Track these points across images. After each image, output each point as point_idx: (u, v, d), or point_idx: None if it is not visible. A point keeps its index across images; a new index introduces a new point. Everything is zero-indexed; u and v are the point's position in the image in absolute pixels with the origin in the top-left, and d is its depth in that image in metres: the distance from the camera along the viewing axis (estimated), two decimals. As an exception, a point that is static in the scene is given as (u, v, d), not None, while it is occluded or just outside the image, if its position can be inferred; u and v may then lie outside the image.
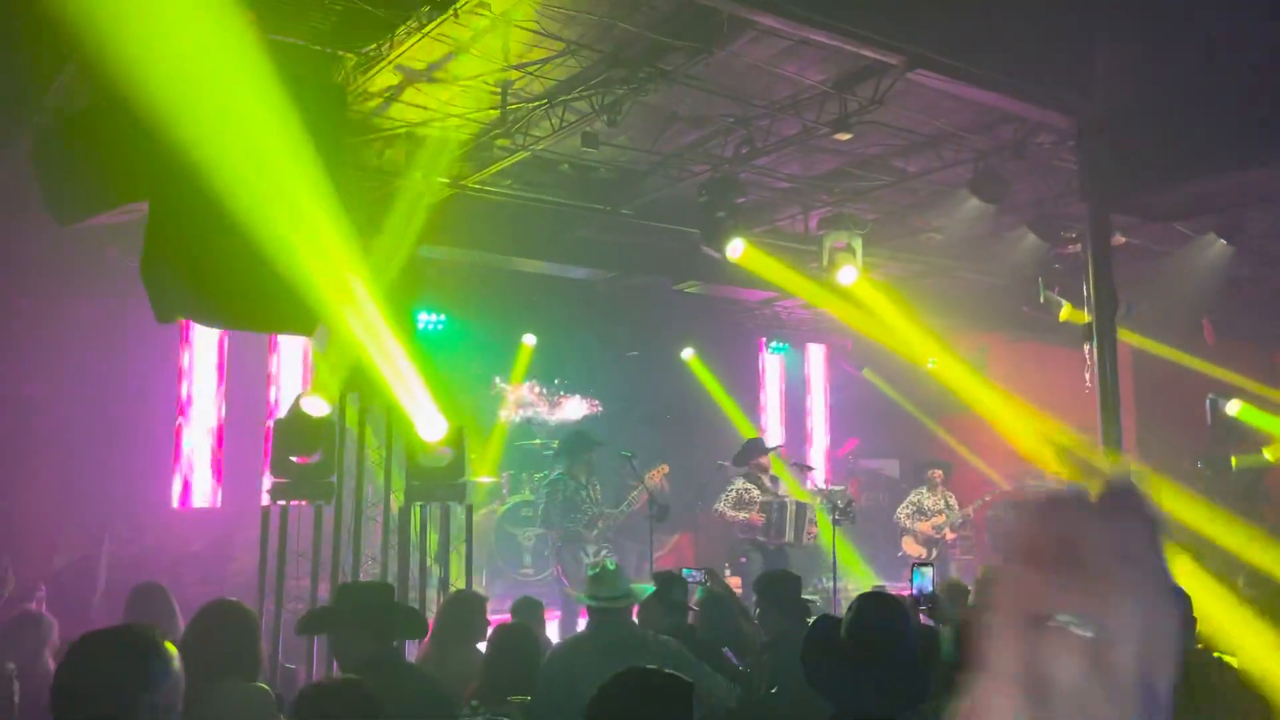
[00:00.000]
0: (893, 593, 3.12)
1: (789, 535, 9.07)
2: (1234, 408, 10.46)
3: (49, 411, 9.25)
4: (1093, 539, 1.36)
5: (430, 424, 6.36)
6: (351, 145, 7.50)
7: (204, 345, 10.13)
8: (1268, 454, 10.73)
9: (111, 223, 5.73)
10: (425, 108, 7.23)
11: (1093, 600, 1.31)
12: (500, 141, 7.71)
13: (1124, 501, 1.42)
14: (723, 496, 9.44)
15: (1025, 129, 7.79)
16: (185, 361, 10.12)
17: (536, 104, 7.08)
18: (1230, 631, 4.33)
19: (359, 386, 6.38)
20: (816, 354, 14.68)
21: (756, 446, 9.80)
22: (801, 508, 9.21)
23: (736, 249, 8.56)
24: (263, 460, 8.56)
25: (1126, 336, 7.10)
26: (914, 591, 4.31)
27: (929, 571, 4.34)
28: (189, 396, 10.13)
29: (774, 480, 9.57)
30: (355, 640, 3.85)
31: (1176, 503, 7.44)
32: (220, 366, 10.29)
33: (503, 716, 4.29)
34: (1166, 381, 11.23)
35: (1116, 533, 1.36)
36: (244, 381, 10.36)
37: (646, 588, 4.97)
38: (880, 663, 2.70)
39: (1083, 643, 1.30)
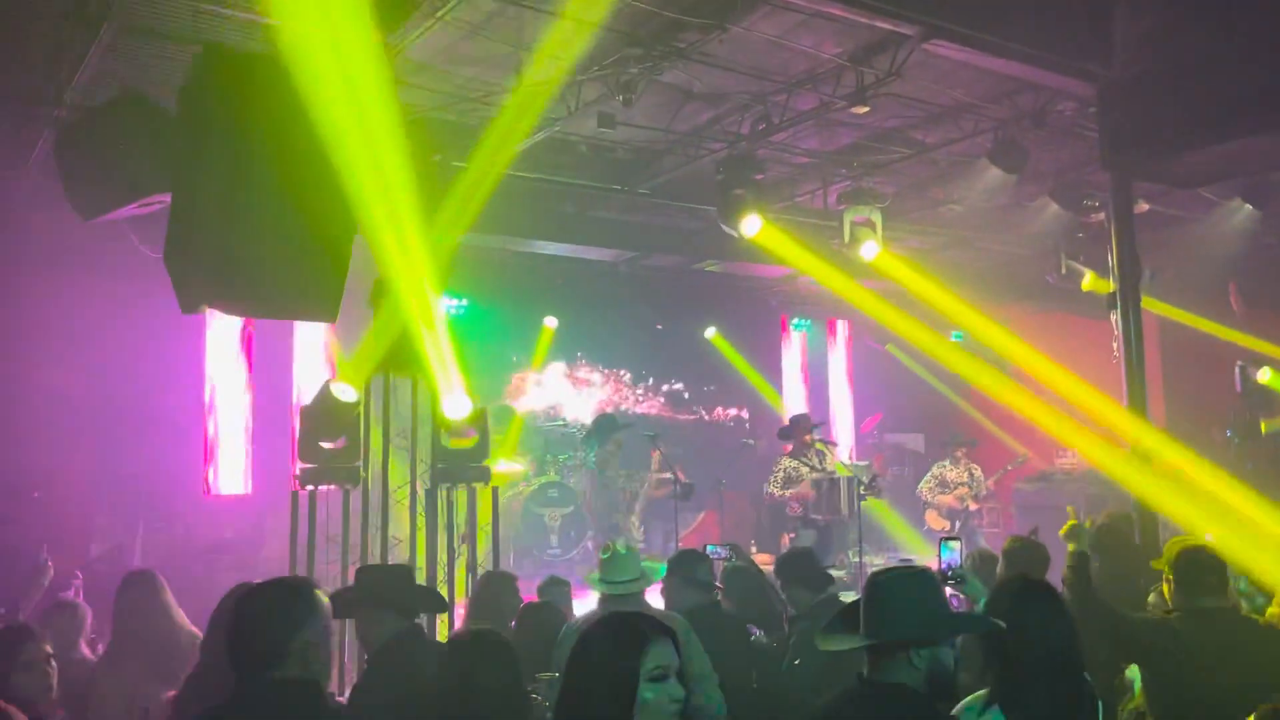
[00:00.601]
0: (921, 566, 3.11)
1: (843, 509, 9.15)
2: (1264, 375, 10.33)
3: (82, 402, 9.40)
4: None
5: (458, 405, 6.45)
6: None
7: (231, 333, 10.25)
8: None
9: (134, 215, 5.79)
10: (439, 92, 7.24)
11: None
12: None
13: None
14: (771, 478, 9.57)
15: (1045, 97, 7.70)
16: (213, 349, 10.25)
17: (551, 84, 7.06)
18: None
19: (398, 369, 6.45)
20: (839, 330, 14.63)
21: (802, 424, 9.87)
22: (850, 482, 9.29)
23: (753, 226, 8.54)
24: (291, 446, 8.66)
25: (1152, 305, 7.03)
26: (943, 566, 4.27)
27: (957, 545, 4.30)
28: (218, 384, 10.25)
29: (819, 456, 9.64)
30: (378, 620, 3.92)
31: (1202, 473, 7.41)
32: (248, 353, 10.41)
33: (530, 694, 4.36)
34: (1194, 350, 11.11)
35: None
36: (272, 368, 10.49)
37: (660, 568, 4.96)
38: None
39: None
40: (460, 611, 6.69)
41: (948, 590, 4.36)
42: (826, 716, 2.91)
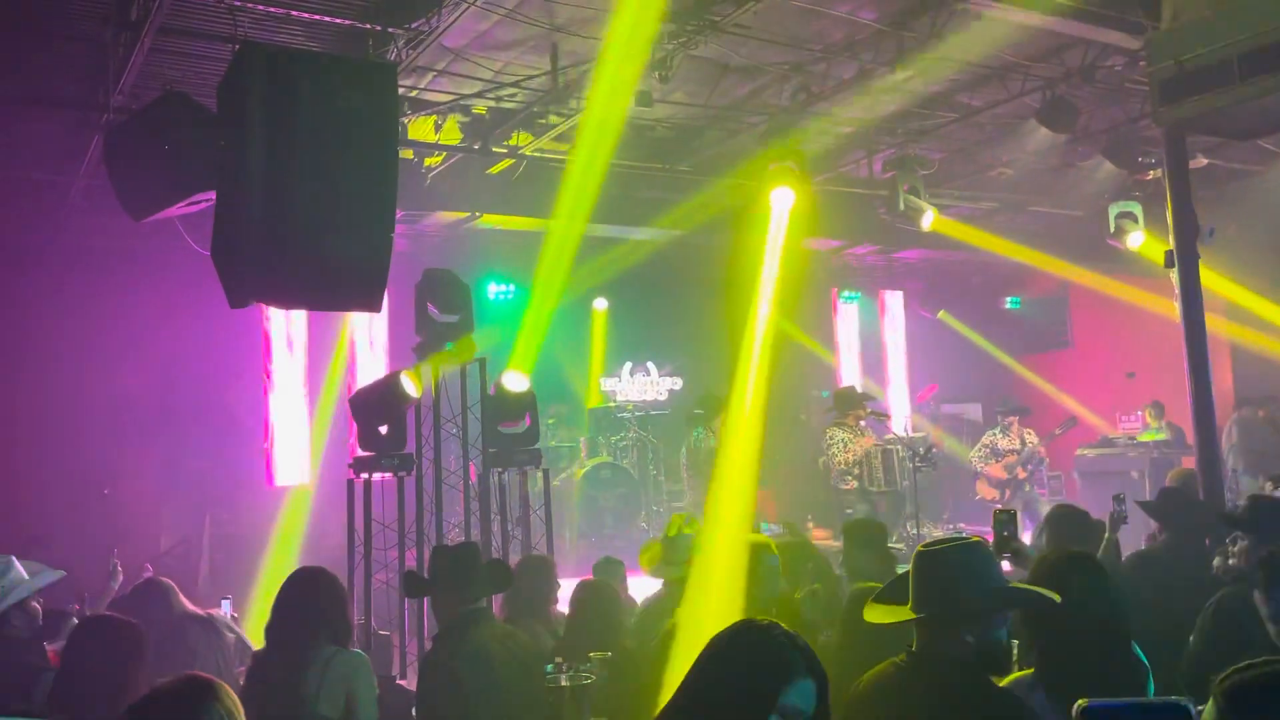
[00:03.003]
0: (972, 538, 3.04)
1: (898, 481, 9.11)
2: None
3: (146, 400, 9.66)
4: None
5: (517, 382, 6.67)
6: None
7: (290, 326, 10.43)
8: None
9: (184, 214, 5.89)
10: (475, 79, 7.26)
11: None
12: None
13: None
14: (826, 452, 9.55)
15: (1094, 53, 7.49)
16: (271, 343, 10.43)
17: (587, 66, 7.04)
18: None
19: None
20: (891, 300, 14.44)
21: (850, 397, 9.82)
22: (905, 451, 9.23)
23: (786, 199, 8.46)
24: (351, 436, 8.81)
25: (1211, 283, 6.69)
26: (996, 538, 4.19)
27: (1008, 519, 4.22)
28: (277, 377, 10.44)
29: (871, 427, 9.60)
30: (449, 598, 4.01)
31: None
32: (309, 346, 10.58)
33: (584, 672, 4.39)
34: (1264, 308, 10.73)
35: None
36: (328, 359, 10.66)
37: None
38: None
39: None
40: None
41: (1004, 565, 4.29)
42: (874, 689, 2.87)
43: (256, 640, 5.32)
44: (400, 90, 7.17)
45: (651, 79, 6.90)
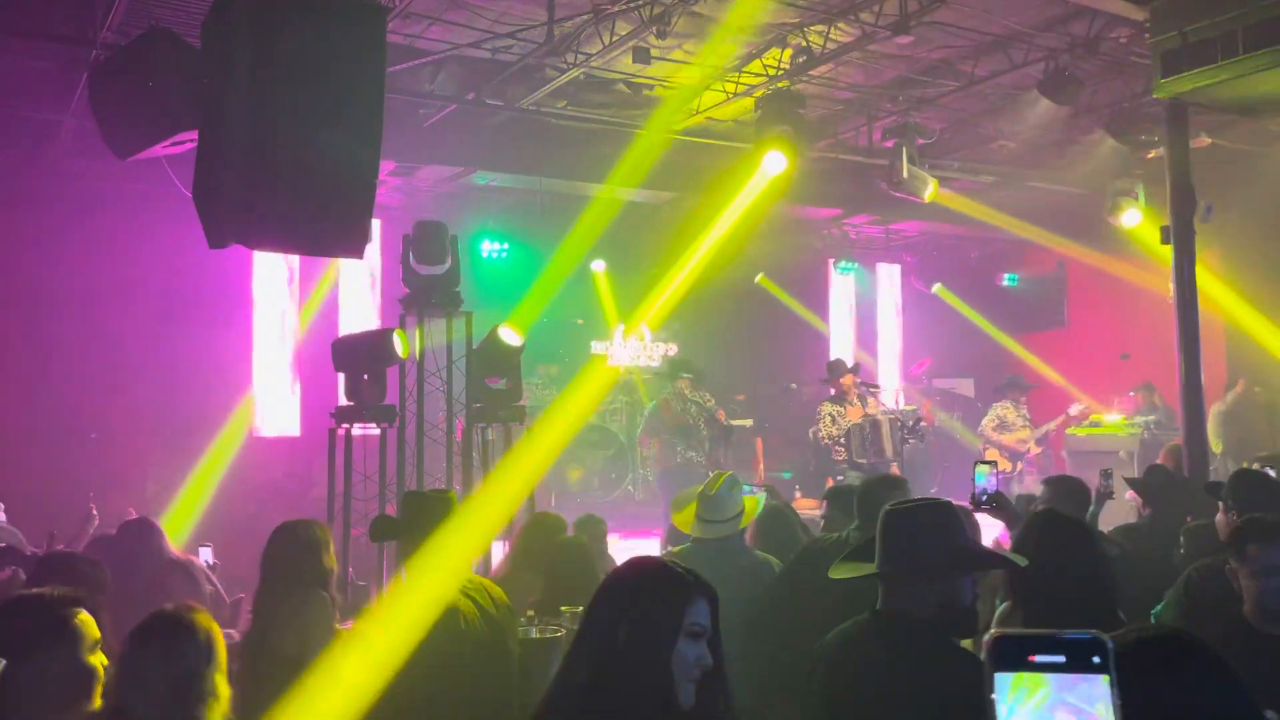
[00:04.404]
0: (940, 500, 3.00)
1: (887, 452, 9.09)
2: None
3: (135, 345, 9.61)
4: None
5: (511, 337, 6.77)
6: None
7: (279, 276, 10.37)
8: None
9: (169, 154, 5.82)
10: (471, 28, 7.15)
11: None
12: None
13: None
14: (819, 423, 9.53)
15: (1099, 24, 7.38)
16: (261, 293, 10.38)
17: (584, 17, 6.94)
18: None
19: None
20: (886, 273, 14.37)
21: (840, 368, 9.78)
22: (893, 423, 9.19)
23: (778, 163, 8.37)
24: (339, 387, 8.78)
25: (1208, 263, 6.62)
26: (976, 490, 4.13)
27: (988, 470, 4.15)
28: (266, 327, 10.40)
29: (861, 399, 9.55)
30: (414, 544, 3.98)
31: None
32: (300, 298, 10.53)
33: (553, 626, 4.39)
34: (1263, 291, 10.65)
35: None
36: (320, 309, 10.61)
37: (759, 498, 4.67)
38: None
39: None
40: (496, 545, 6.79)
41: (984, 514, 4.23)
42: (837, 646, 2.85)
43: (231, 591, 5.35)
44: (394, 38, 7.08)
45: (649, 34, 6.79)
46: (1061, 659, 0.98)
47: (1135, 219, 9.38)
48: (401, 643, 3.38)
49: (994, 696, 0.97)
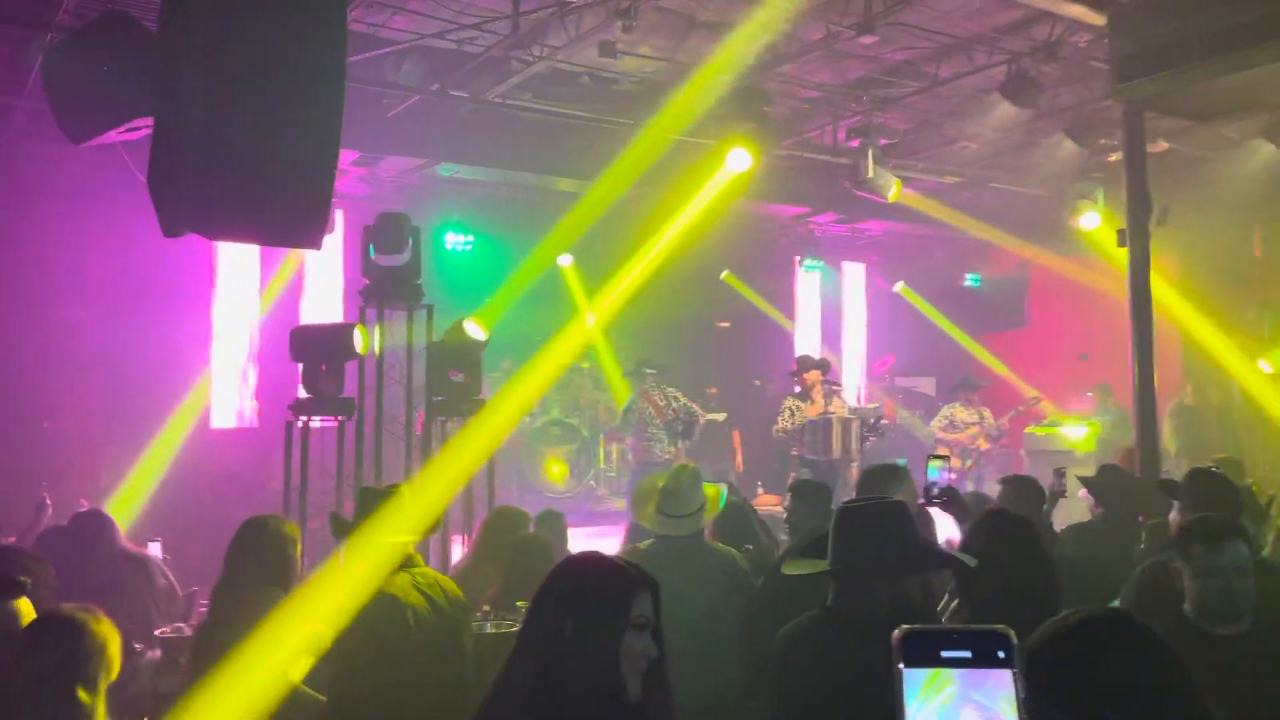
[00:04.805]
0: (893, 499, 3.03)
1: (836, 451, 9.12)
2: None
3: (90, 333, 9.44)
4: None
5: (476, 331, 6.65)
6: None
7: (238, 266, 10.24)
8: None
9: (125, 140, 5.71)
10: (435, 18, 7.10)
11: None
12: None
13: None
14: (780, 416, 9.57)
15: (1060, 28, 7.46)
16: (221, 283, 10.24)
17: (549, 10, 6.91)
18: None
19: None
20: (851, 271, 14.46)
21: (805, 364, 9.82)
22: (847, 423, 9.22)
23: (741, 161, 8.39)
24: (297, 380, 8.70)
25: (1159, 271, 6.73)
26: (927, 484, 4.16)
27: (940, 464, 4.19)
28: (224, 318, 10.27)
29: (825, 396, 9.58)
30: (361, 534, 3.95)
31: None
32: (260, 289, 10.40)
33: (507, 620, 4.38)
34: (1216, 293, 10.84)
35: None
36: (279, 302, 10.48)
37: (722, 492, 4.62)
38: None
39: None
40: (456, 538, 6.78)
41: (935, 509, 4.27)
42: (788, 642, 2.87)
43: (185, 585, 5.29)
44: (357, 26, 7.01)
45: (615, 28, 6.77)
46: (968, 654, 0.98)
47: (1094, 222, 9.51)
48: (334, 623, 3.39)
49: (902, 695, 0.97)
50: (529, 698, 2.09)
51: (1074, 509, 6.12)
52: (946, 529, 4.28)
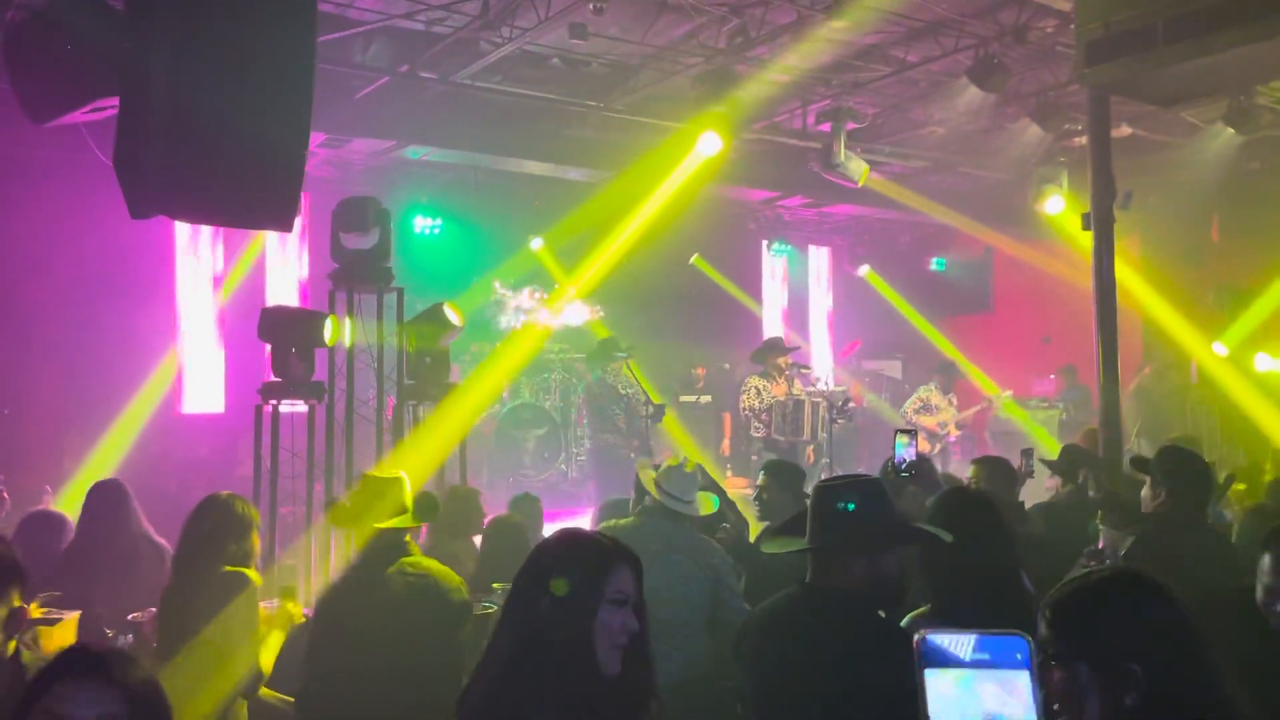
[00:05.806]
0: (870, 477, 3.08)
1: (805, 432, 9.17)
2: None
3: (53, 318, 9.28)
4: None
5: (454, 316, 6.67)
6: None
7: (204, 249, 10.12)
8: None
9: (89, 121, 5.61)
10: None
11: None
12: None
13: None
14: (743, 395, 9.57)
15: (1027, 13, 7.54)
16: (185, 266, 10.12)
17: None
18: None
19: None
20: (818, 256, 14.54)
21: (774, 346, 9.85)
22: (815, 405, 9.27)
23: (712, 144, 8.41)
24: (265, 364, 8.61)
25: (1122, 254, 6.83)
26: (896, 460, 4.21)
27: (907, 440, 4.24)
28: (190, 302, 10.15)
29: (789, 379, 9.63)
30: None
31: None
32: (223, 272, 10.29)
33: (485, 603, 4.40)
34: (1177, 277, 11.03)
35: None
36: (244, 287, 10.37)
37: (714, 499, 4.60)
38: None
39: None
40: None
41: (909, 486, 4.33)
42: (765, 618, 2.91)
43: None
44: (325, 7, 6.93)
45: (586, 9, 6.75)
46: (987, 656, 1.02)
47: (1059, 206, 9.62)
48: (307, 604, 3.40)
49: (924, 697, 1.00)
50: (509, 671, 2.10)
51: (1041, 490, 6.24)
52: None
